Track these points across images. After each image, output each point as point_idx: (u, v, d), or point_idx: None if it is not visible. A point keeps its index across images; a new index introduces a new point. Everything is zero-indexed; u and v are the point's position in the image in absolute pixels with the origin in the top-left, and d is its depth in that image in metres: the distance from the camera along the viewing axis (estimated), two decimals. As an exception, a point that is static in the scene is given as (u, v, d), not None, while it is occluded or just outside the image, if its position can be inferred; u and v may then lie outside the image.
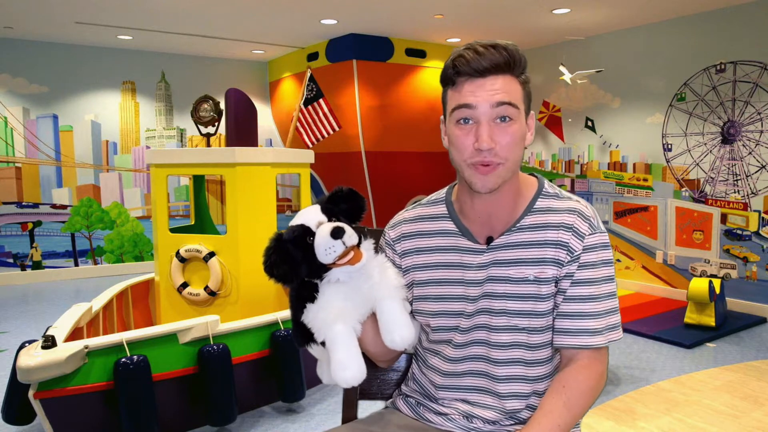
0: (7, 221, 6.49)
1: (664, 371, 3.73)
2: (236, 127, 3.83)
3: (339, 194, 1.21)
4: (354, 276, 1.16)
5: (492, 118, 1.12)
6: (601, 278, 1.18)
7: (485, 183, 1.14)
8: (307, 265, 1.14)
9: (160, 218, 3.65)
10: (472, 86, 1.12)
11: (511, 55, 1.11)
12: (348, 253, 1.12)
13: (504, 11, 5.34)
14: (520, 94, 1.14)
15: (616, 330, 1.19)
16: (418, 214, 1.33)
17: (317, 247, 1.11)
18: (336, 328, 1.14)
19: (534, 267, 1.18)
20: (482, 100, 1.11)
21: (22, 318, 5.06)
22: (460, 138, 1.14)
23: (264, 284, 3.61)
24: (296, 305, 1.19)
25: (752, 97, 5.00)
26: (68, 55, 6.73)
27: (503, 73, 1.12)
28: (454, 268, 1.24)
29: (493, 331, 1.21)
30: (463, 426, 1.25)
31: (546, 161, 6.86)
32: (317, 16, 5.57)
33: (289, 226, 1.17)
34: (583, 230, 1.17)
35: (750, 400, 3.27)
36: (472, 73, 1.11)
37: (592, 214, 1.20)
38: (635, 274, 6.00)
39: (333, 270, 1.14)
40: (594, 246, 1.17)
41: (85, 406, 2.48)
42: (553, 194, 1.23)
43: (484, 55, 1.10)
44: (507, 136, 1.12)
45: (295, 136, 5.07)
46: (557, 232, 1.18)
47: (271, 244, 1.15)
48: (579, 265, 1.17)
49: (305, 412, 3.12)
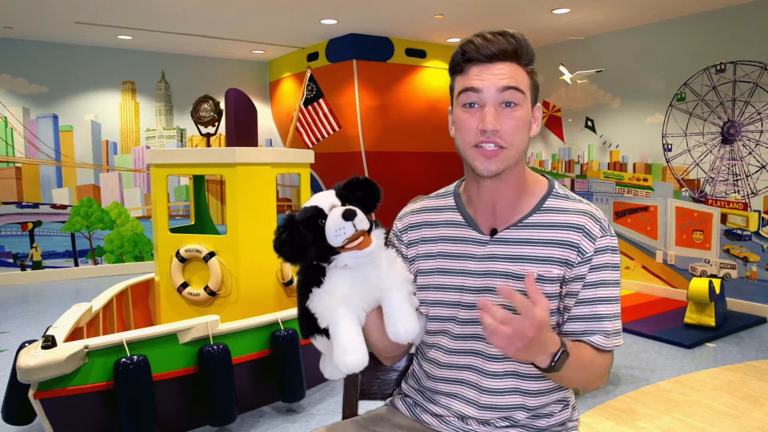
0: (7, 221, 6.49)
1: (664, 371, 3.73)
2: (236, 127, 3.83)
3: (355, 182, 1.20)
4: (362, 263, 1.15)
5: (498, 103, 1.13)
6: (611, 281, 1.18)
7: (488, 166, 1.14)
8: (316, 247, 1.13)
9: (160, 218, 3.65)
10: (479, 70, 1.13)
11: (519, 44, 1.13)
12: (358, 238, 1.11)
13: (504, 11, 5.34)
14: (527, 82, 1.15)
15: (619, 335, 1.20)
16: (426, 205, 1.35)
17: (328, 228, 1.10)
18: (340, 311, 1.13)
19: (538, 265, 1.17)
20: (489, 83, 1.12)
21: (22, 318, 5.06)
22: (466, 121, 1.15)
23: (264, 284, 3.61)
24: (302, 291, 1.19)
25: (752, 97, 5.00)
26: (68, 55, 6.73)
27: (510, 61, 1.13)
28: (457, 258, 1.25)
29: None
30: (458, 427, 1.25)
31: (546, 161, 6.86)
32: (317, 16, 5.57)
33: (302, 207, 1.17)
34: (595, 232, 1.17)
35: (750, 400, 3.27)
36: (480, 58, 1.13)
37: (603, 218, 1.21)
38: (635, 274, 6.00)
39: (341, 254, 1.13)
40: (605, 248, 1.18)
41: (85, 406, 2.48)
42: (563, 195, 1.24)
43: (492, 41, 1.12)
44: (512, 120, 1.13)
45: (295, 136, 5.07)
46: (567, 233, 1.18)
47: (283, 223, 1.15)
48: (591, 267, 1.17)
49: (305, 412, 3.12)
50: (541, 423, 1.24)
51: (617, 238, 1.21)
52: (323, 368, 1.28)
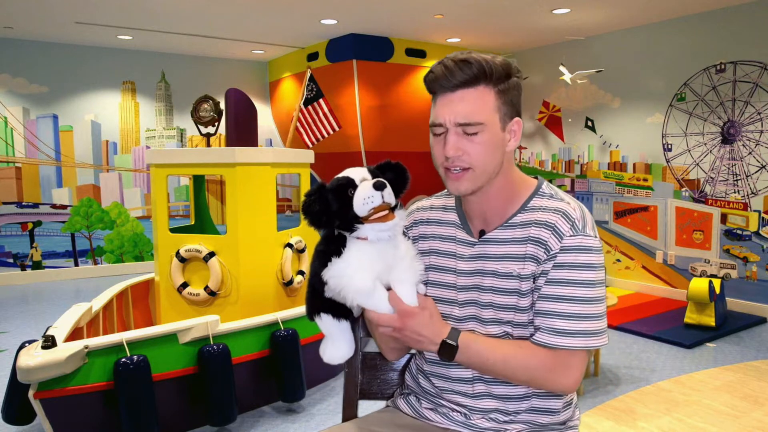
0: (7, 221, 6.49)
1: (664, 371, 3.73)
2: (236, 127, 3.83)
3: (387, 164, 1.25)
4: (382, 238, 1.18)
5: (458, 131, 1.17)
6: (576, 281, 1.16)
7: (458, 187, 1.20)
8: (342, 215, 1.17)
9: (160, 218, 3.65)
10: (442, 102, 1.18)
11: (480, 69, 1.14)
12: (383, 209, 1.16)
13: (504, 11, 5.34)
14: (491, 106, 1.17)
15: (592, 337, 1.16)
16: (431, 203, 1.40)
17: (357, 196, 1.15)
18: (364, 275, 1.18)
19: (518, 263, 1.20)
20: (447, 117, 1.17)
21: (22, 318, 5.06)
22: (435, 146, 1.22)
23: (264, 284, 3.61)
24: (320, 261, 1.21)
25: (752, 97, 5.00)
26: (68, 55, 6.73)
27: (474, 86, 1.16)
28: (450, 257, 1.29)
29: (483, 323, 1.24)
30: (461, 422, 1.26)
31: (546, 161, 6.86)
32: (317, 16, 5.57)
33: (335, 177, 1.21)
34: (564, 230, 1.17)
35: (750, 400, 3.27)
36: (442, 89, 1.18)
37: (579, 217, 1.18)
38: (635, 274, 6.00)
39: (364, 225, 1.16)
40: (572, 248, 1.16)
41: (85, 406, 2.49)
42: (548, 194, 1.24)
43: (452, 71, 1.15)
44: (474, 144, 1.17)
45: (295, 136, 5.07)
46: (539, 230, 1.19)
47: (314, 188, 1.19)
48: (554, 265, 1.17)
49: (305, 412, 3.12)
50: (543, 419, 1.24)
51: (597, 239, 1.18)
52: (322, 352, 1.30)
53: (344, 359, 1.30)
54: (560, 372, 1.17)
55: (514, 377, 1.19)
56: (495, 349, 1.18)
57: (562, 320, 1.16)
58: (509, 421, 1.23)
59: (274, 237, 3.66)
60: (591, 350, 1.21)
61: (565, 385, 1.18)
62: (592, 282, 1.16)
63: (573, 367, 1.17)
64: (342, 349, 1.28)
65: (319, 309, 1.24)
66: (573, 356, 1.17)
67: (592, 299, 1.16)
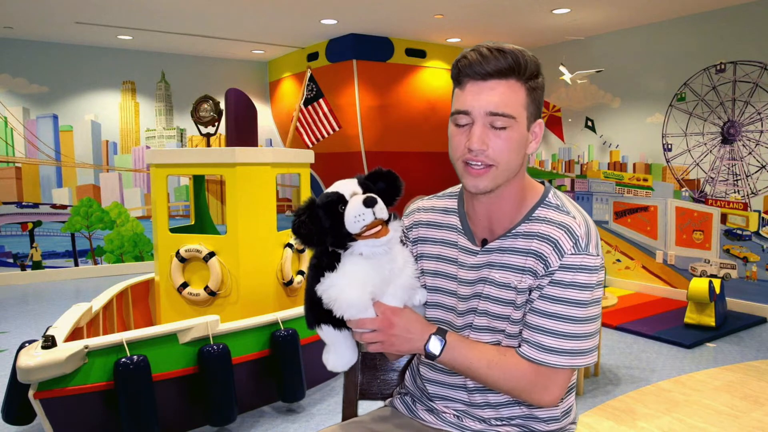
0: (7, 221, 6.49)
1: (664, 371, 3.73)
2: (236, 127, 3.83)
3: (378, 173, 1.20)
4: (377, 252, 1.14)
5: (487, 123, 1.11)
6: (570, 300, 1.12)
7: (476, 183, 1.13)
8: (334, 232, 1.13)
9: (160, 218, 3.65)
10: (472, 89, 1.11)
11: (515, 60, 1.08)
12: (376, 226, 1.11)
13: (504, 11, 5.34)
14: (522, 101, 1.11)
15: (578, 356, 1.13)
16: (432, 205, 1.35)
17: (347, 214, 1.10)
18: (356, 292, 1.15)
19: (517, 274, 1.16)
20: (478, 105, 1.10)
21: (22, 318, 5.06)
22: (456, 136, 1.14)
23: (264, 284, 3.61)
24: (314, 275, 1.18)
25: (752, 97, 5.00)
26: (68, 55, 6.73)
27: (506, 78, 1.09)
28: (451, 262, 1.26)
29: (477, 331, 1.22)
30: (455, 424, 1.26)
31: (546, 161, 6.86)
32: (317, 16, 5.57)
33: (323, 193, 1.16)
34: (565, 248, 1.13)
35: (750, 400, 3.27)
36: (474, 76, 1.10)
37: (584, 234, 1.14)
38: (635, 274, 6.00)
39: (358, 242, 1.13)
40: (572, 266, 1.12)
41: (85, 406, 2.49)
42: (555, 205, 1.19)
43: (487, 58, 1.08)
44: (500, 140, 1.10)
45: (295, 136, 5.07)
46: (541, 244, 1.14)
47: (304, 205, 1.15)
48: (551, 281, 1.13)
49: (305, 412, 3.12)
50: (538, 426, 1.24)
51: (599, 258, 1.14)
52: (326, 360, 1.28)
53: (348, 366, 1.27)
54: (541, 387, 1.15)
55: (495, 385, 1.16)
56: (480, 354, 1.16)
57: (549, 337, 1.13)
58: (500, 424, 1.23)
59: (274, 237, 3.66)
60: (576, 368, 1.18)
61: (545, 400, 1.16)
62: (586, 302, 1.13)
63: (555, 384, 1.15)
64: (345, 357, 1.25)
65: (319, 320, 1.22)
66: (556, 373, 1.14)
67: (584, 319, 1.13)
